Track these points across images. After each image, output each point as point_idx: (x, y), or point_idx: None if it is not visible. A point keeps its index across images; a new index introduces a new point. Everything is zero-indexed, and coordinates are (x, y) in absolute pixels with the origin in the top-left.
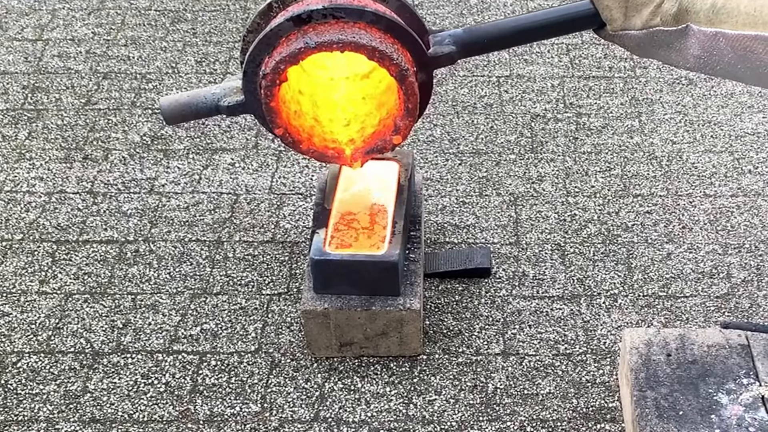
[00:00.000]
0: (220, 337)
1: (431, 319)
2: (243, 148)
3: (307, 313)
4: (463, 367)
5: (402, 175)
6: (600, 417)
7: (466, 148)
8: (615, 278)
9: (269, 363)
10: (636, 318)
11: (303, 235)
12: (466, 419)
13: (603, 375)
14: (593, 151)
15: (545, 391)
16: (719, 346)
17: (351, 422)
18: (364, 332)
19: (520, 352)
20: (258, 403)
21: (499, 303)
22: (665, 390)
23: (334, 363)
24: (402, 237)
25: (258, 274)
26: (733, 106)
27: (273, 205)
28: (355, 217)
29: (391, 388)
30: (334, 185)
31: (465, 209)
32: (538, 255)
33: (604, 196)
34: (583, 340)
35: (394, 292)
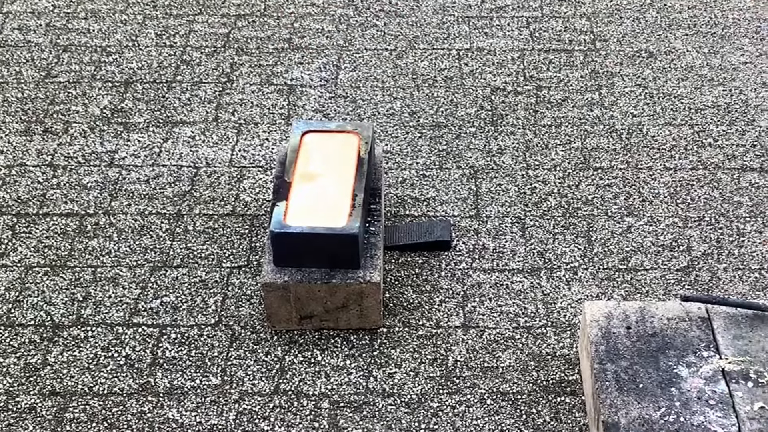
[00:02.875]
0: (180, 309)
1: (391, 292)
2: (203, 122)
3: (267, 286)
4: (423, 340)
5: (362, 148)
6: (560, 390)
7: (426, 121)
8: (575, 251)
9: (229, 336)
10: (596, 291)
11: (263, 208)
12: (426, 392)
13: (563, 348)
14: (553, 124)
15: (505, 364)
16: (679, 318)
17: (311, 395)
18: (324, 305)
19: (480, 325)
20: (218, 376)
21: (459, 276)
22: (625, 363)
23: (294, 336)
24: (362, 210)
25: (218, 247)
26: (693, 79)
27: (233, 178)
28: (315, 190)
29: (351, 361)
30: (294, 158)
31: (425, 182)
32: (498, 228)
33: (564, 169)
34: (543, 313)
35: (354, 265)
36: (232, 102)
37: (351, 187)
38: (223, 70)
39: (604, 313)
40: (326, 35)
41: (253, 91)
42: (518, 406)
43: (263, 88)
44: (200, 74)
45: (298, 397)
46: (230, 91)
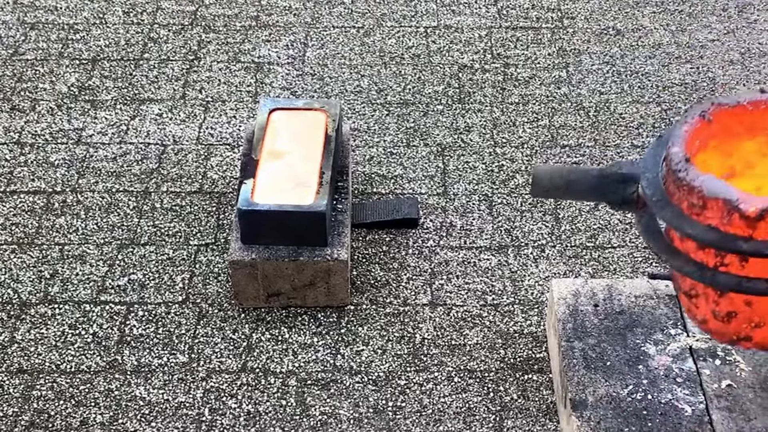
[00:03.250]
0: (147, 287)
1: (359, 270)
2: (170, 99)
3: (235, 264)
4: (390, 318)
5: (329, 125)
6: (527, 367)
7: (394, 98)
8: (542, 229)
9: (197, 313)
10: (563, 269)
11: (230, 186)
12: (393, 370)
13: (530, 325)
14: (521, 102)
15: (473, 342)
16: (647, 296)
17: (278, 372)
18: (292, 283)
19: (447, 302)
20: (185, 354)
21: (426, 253)
22: (593, 341)
23: (261, 313)
24: (329, 188)
25: (185, 225)
26: (660, 56)
27: (200, 156)
28: (282, 167)
29: (319, 339)
30: (261, 136)
31: (392, 160)
32: (466, 205)
33: (532, 146)
34: (510, 291)
35: (322, 243)
36: (199, 80)
37: (318, 164)
38: (190, 48)
39: (572, 290)
40: (293, 13)
41: (221, 69)
42: (486, 383)
43: (230, 66)
44: (167, 52)
45: (266, 374)
46: (197, 69)
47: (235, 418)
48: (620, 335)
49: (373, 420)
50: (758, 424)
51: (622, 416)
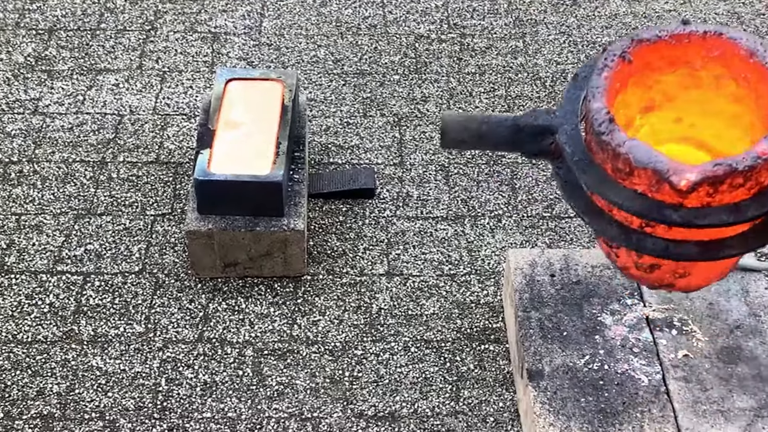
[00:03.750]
0: (104, 257)
1: (315, 240)
2: (127, 69)
3: (191, 234)
4: (347, 288)
5: (286, 95)
6: (484, 338)
7: (350, 68)
8: (499, 199)
9: (153, 283)
10: (520, 239)
11: (187, 156)
12: (350, 340)
13: (487, 296)
14: (477, 72)
15: (429, 312)
16: (603, 266)
17: (235, 343)
18: (248, 253)
19: (404, 272)
20: (142, 324)
21: (383, 224)
22: (549, 311)
23: (218, 284)
24: (286, 158)
25: (142, 195)
26: (617, 26)
27: (157, 126)
28: (239, 137)
29: (276, 309)
30: (218, 106)
31: (349, 130)
32: (423, 176)
33: None
34: (467, 261)
35: (278, 213)
36: (156, 50)
37: (275, 135)
38: (147, 17)
39: (528, 261)
40: None
41: (177, 39)
42: (442, 353)
43: (187, 36)
44: (124, 22)
45: (222, 344)
46: (154, 38)
47: (191, 388)
48: (577, 305)
49: (329, 390)
50: (714, 394)
51: (578, 386)
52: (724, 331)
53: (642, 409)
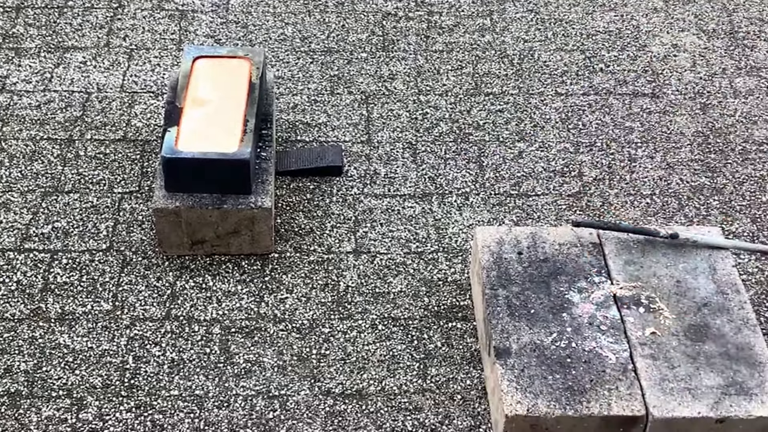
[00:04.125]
0: (71, 235)
1: (283, 218)
2: (94, 47)
3: (159, 212)
4: (314, 266)
5: (253, 73)
6: (451, 315)
7: (318, 46)
8: (467, 176)
9: (121, 261)
10: (488, 216)
11: (155, 134)
12: (317, 317)
13: (454, 273)
14: (445, 50)
15: (397, 290)
16: (571, 244)
17: (202, 320)
18: (216, 230)
19: (371, 250)
20: (109, 302)
21: (350, 201)
22: (517, 288)
23: (185, 261)
24: (253, 135)
25: (110, 173)
26: (584, 4)
27: (124, 104)
28: (206, 115)
29: (243, 287)
30: (185, 84)
31: (317, 108)
32: (390, 153)
33: (456, 94)
34: (434, 239)
35: (246, 191)
36: (123, 27)
37: (242, 112)
38: None
39: (496, 238)
40: None
41: (145, 16)
42: (409, 331)
43: (155, 14)
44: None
45: (190, 322)
46: (122, 16)
47: (159, 366)
48: (544, 283)
49: (297, 368)
50: (682, 372)
51: (546, 364)
52: (691, 309)
53: (609, 386)
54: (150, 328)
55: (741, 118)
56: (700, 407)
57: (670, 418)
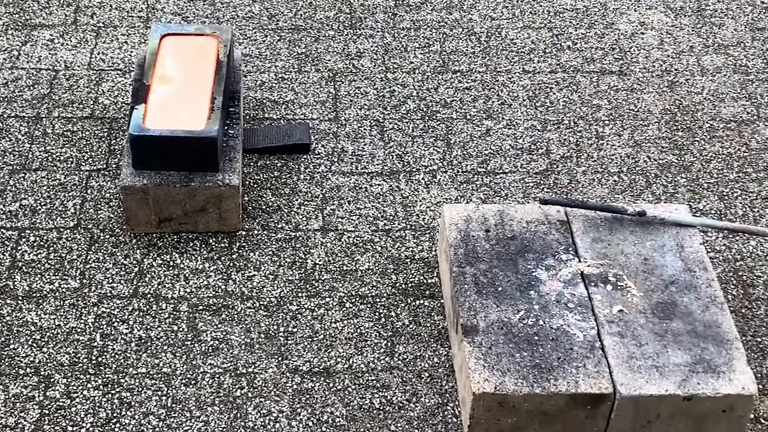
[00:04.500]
0: (39, 212)
1: (250, 195)
2: (62, 24)
3: (126, 189)
4: (282, 243)
5: (221, 51)
6: (419, 293)
7: (285, 24)
8: (434, 154)
9: (88, 239)
10: (455, 194)
11: (122, 111)
12: (285, 295)
13: (422, 251)
14: (412, 27)
15: (364, 267)
16: (538, 222)
17: (170, 298)
18: (183, 208)
19: (339, 228)
20: (77, 279)
21: (318, 179)
22: (484, 266)
23: (153, 239)
24: (221, 113)
25: (77, 150)
26: None
27: (92, 81)
28: (174, 93)
29: (210, 264)
30: (153, 62)
31: (284, 85)
32: (357, 131)
33: (423, 72)
34: (402, 216)
35: (213, 168)
36: (91, 5)
37: (210, 90)
38: None
39: (463, 216)
40: None
41: None
42: (377, 309)
43: None
44: None
45: (157, 300)
46: None
47: (126, 344)
48: (512, 261)
49: (264, 345)
50: (649, 349)
51: (513, 341)
52: (659, 286)
53: (577, 364)
54: (117, 306)
55: (708, 96)
56: (667, 385)
57: (638, 395)
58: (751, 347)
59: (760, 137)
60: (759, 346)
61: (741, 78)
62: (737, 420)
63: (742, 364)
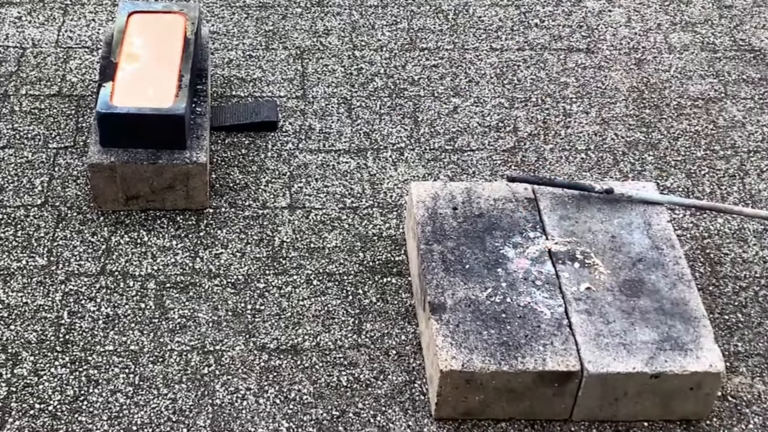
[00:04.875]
0: (6, 190)
1: (218, 173)
2: (29, 2)
3: (94, 167)
4: (249, 221)
5: (188, 28)
6: (386, 270)
7: (253, 1)
8: (402, 132)
9: (56, 216)
10: (422, 171)
11: (90, 89)
12: (252, 272)
13: (389, 229)
14: (380, 5)
15: (332, 245)
16: (506, 199)
17: (137, 275)
18: (151, 186)
19: (306, 205)
20: (44, 257)
21: (285, 156)
22: (451, 243)
23: (120, 216)
24: (188, 91)
25: (45, 128)
26: None
27: (60, 59)
28: (141, 70)
29: (178, 242)
30: (120, 39)
31: (252, 63)
32: (325, 108)
33: (391, 49)
34: (369, 194)
35: (181, 146)
36: None
37: (177, 68)
38: None
39: (431, 193)
40: None
41: None
42: (344, 286)
43: None
44: None
45: (125, 277)
46: None
47: (93, 321)
48: (479, 238)
49: (232, 323)
50: (617, 327)
51: (481, 319)
52: (626, 264)
53: (544, 342)
54: (85, 284)
55: (676, 74)
56: (635, 362)
57: (605, 373)
58: (719, 325)
59: (728, 115)
60: (726, 324)
61: (708, 56)
62: (704, 397)
63: (710, 342)
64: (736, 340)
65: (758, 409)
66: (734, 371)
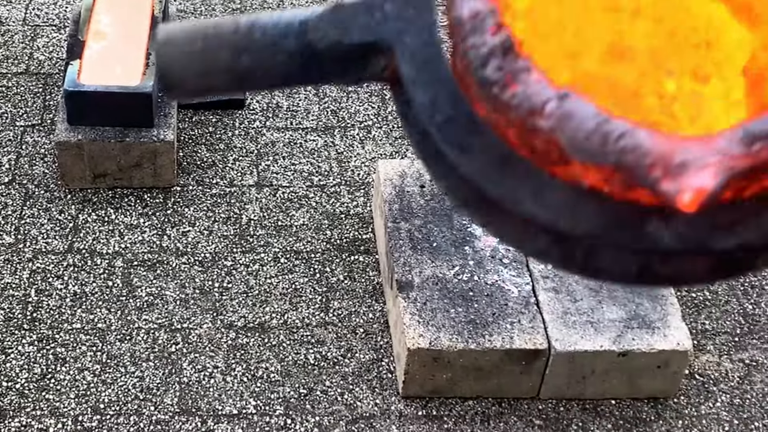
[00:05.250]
0: None
1: (185, 151)
2: None
3: (61, 145)
4: (217, 199)
5: (156, 6)
6: (354, 248)
7: None
8: (369, 110)
9: (23, 194)
10: (390, 150)
11: (57, 67)
12: (220, 251)
13: (357, 206)
14: None
15: (299, 223)
16: None
17: (105, 253)
18: (118, 164)
19: (273, 183)
20: (12, 235)
21: (252, 134)
22: (419, 221)
23: (88, 194)
24: (156, 69)
25: (12, 106)
26: None
27: (27, 37)
28: (109, 48)
29: (145, 220)
30: (88, 17)
31: None
32: None
33: None
34: (336, 172)
35: (148, 124)
36: None
37: (145, 46)
38: None
39: (398, 171)
40: None
41: None
42: (312, 264)
43: None
44: None
45: (92, 255)
46: None
47: (61, 299)
48: (447, 216)
49: (199, 301)
50: (584, 305)
51: (448, 297)
52: None
53: (512, 320)
54: (52, 262)
55: None
56: (602, 340)
57: (573, 351)
58: (686, 303)
59: None
60: (694, 302)
61: None
62: (672, 376)
63: (677, 320)
64: (704, 318)
65: (725, 387)
66: (701, 349)
